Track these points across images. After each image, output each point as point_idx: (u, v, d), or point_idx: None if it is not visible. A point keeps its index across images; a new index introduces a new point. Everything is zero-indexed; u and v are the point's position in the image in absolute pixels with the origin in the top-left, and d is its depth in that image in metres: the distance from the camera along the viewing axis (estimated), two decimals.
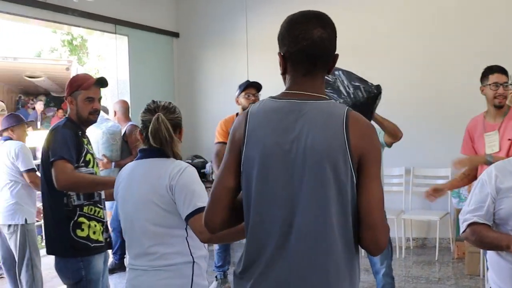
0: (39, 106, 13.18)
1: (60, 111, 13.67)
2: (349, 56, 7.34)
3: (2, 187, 5.13)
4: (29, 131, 5.67)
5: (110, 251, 6.69)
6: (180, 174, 2.60)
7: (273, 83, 7.07)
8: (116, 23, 6.97)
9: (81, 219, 3.44)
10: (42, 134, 5.67)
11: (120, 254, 6.59)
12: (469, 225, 2.73)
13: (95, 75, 13.04)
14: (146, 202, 2.64)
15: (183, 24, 8.31)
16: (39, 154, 5.21)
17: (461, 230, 2.81)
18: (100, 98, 3.66)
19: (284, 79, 2.05)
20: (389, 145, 4.98)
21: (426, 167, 7.19)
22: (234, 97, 5.47)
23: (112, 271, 6.47)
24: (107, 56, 8.15)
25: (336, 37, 1.99)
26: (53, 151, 3.37)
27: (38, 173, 4.96)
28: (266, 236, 1.93)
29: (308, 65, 1.96)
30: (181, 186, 2.58)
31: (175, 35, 8.24)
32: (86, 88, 3.54)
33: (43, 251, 6.63)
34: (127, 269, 2.94)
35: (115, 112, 6.51)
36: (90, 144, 3.70)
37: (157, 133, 2.67)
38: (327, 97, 2.00)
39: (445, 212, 6.93)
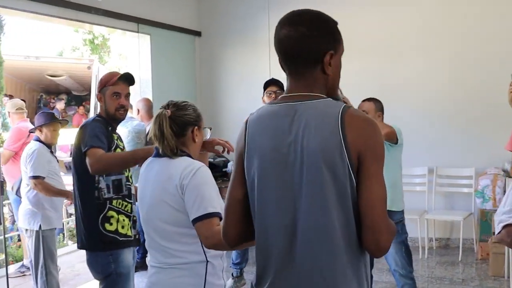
0: (60, 105, 13.28)
1: (81, 108, 13.77)
2: (377, 55, 7.37)
3: (24, 190, 5.15)
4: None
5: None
6: (193, 174, 2.55)
7: None
8: (139, 22, 6.99)
9: (110, 212, 3.50)
10: (63, 133, 5.60)
11: (142, 252, 6.59)
12: (505, 226, 2.65)
13: None
14: (158, 201, 2.62)
15: (205, 22, 8.30)
16: (59, 153, 5.17)
17: (496, 231, 2.74)
18: (127, 95, 3.69)
19: None
20: None
21: (449, 167, 7.11)
22: (255, 96, 5.46)
23: (135, 269, 6.46)
24: (129, 55, 8.17)
25: (319, 34, 1.88)
26: (84, 144, 3.42)
27: (47, 180, 4.99)
28: (271, 245, 1.88)
29: (287, 66, 1.91)
30: (193, 188, 2.54)
31: (197, 34, 8.25)
32: (112, 84, 3.60)
33: (65, 249, 6.64)
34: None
35: (138, 110, 6.51)
36: (121, 141, 3.75)
37: (151, 129, 2.68)
38: (323, 95, 1.91)
39: (469, 213, 6.85)
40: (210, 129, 2.98)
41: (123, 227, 3.54)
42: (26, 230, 5.07)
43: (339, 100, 2.02)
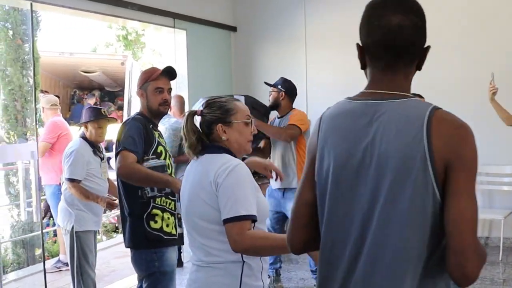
0: (91, 100, 13.36)
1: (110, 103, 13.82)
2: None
3: (63, 187, 5.08)
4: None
5: None
6: (228, 173, 2.46)
7: (332, 80, 7.01)
8: (175, 17, 6.94)
9: (155, 211, 3.48)
10: None
11: (178, 251, 6.56)
12: None
13: None
14: (196, 198, 2.56)
15: (240, 18, 8.23)
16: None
17: None
18: (170, 90, 3.66)
19: (366, 74, 1.80)
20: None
21: (489, 164, 6.93)
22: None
23: None
24: (164, 51, 8.14)
25: (425, 25, 1.68)
26: (119, 143, 3.41)
27: (85, 182, 4.90)
28: (336, 257, 1.71)
29: (386, 59, 1.69)
30: (226, 187, 2.45)
31: (233, 29, 8.18)
32: (154, 79, 3.57)
33: (100, 245, 6.61)
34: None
35: (170, 108, 6.42)
36: (163, 138, 3.70)
37: None
38: (410, 95, 1.69)
39: (509, 211, 6.69)
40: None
41: (167, 225, 3.52)
42: (62, 228, 5.04)
43: None
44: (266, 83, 5.90)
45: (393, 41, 1.65)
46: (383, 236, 1.60)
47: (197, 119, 2.72)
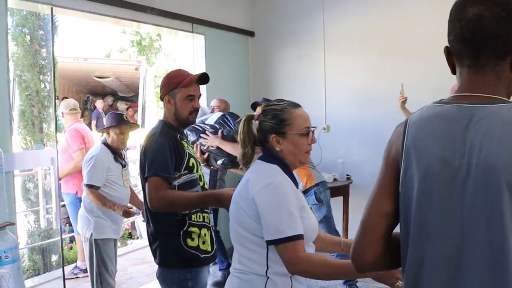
0: (99, 104, 13.37)
1: (129, 111, 13.81)
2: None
3: (83, 194, 5.03)
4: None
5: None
6: (265, 188, 2.39)
7: (351, 84, 6.92)
8: (193, 22, 6.89)
9: (191, 228, 3.25)
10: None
11: (227, 265, 6.45)
12: None
13: (164, 74, 13.14)
14: (236, 201, 2.51)
15: (258, 22, 8.17)
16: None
17: None
18: (200, 96, 3.43)
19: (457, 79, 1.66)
20: None
21: None
22: (309, 97, 5.28)
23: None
24: (180, 56, 8.09)
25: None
26: (148, 166, 3.16)
27: (104, 189, 4.83)
28: (428, 278, 1.54)
29: (469, 56, 1.57)
30: (263, 205, 2.36)
31: (250, 34, 8.12)
32: (186, 86, 3.29)
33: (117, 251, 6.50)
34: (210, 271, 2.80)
35: (212, 109, 6.28)
36: (191, 145, 3.50)
37: None
38: (506, 99, 1.55)
39: None
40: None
41: (204, 242, 3.30)
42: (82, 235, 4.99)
43: None
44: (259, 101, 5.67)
45: (471, 32, 1.54)
46: (486, 253, 1.44)
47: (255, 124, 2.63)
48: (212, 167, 5.19)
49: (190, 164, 3.29)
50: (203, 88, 6.98)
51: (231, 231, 2.55)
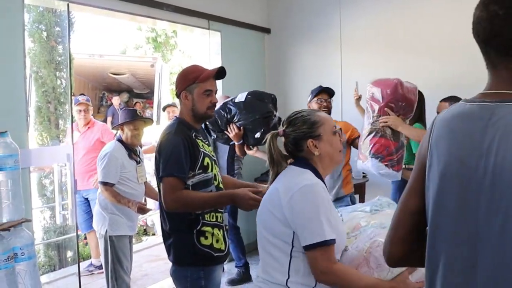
0: (116, 101, 13.41)
1: (138, 104, 13.85)
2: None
3: (98, 190, 5.03)
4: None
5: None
6: (299, 191, 2.36)
7: (367, 84, 6.88)
8: (210, 19, 6.87)
9: (205, 228, 3.23)
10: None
11: (244, 263, 6.47)
12: None
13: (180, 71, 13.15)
14: (267, 212, 2.48)
15: (274, 20, 8.12)
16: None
17: None
18: (216, 91, 3.39)
19: None
20: None
21: None
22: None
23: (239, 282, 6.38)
24: (196, 53, 8.08)
25: None
26: (163, 165, 3.14)
27: (119, 186, 4.82)
28: (443, 279, 1.53)
29: (487, 53, 1.54)
30: (299, 209, 2.33)
31: (267, 31, 8.07)
32: (203, 81, 3.27)
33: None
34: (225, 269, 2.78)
35: None
36: (206, 142, 3.42)
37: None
38: None
39: None
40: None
41: (217, 241, 3.27)
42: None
43: None
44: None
45: (476, 35, 1.54)
46: (503, 256, 1.40)
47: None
48: (247, 146, 5.10)
49: (205, 164, 3.25)
50: (219, 85, 7.00)
51: (258, 238, 2.53)
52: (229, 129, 4.88)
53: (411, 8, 6.93)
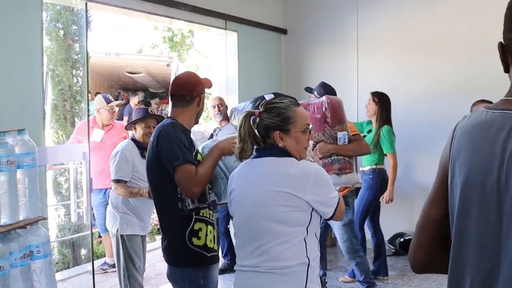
0: (134, 101, 13.40)
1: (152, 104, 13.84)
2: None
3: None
4: None
5: (220, 255, 6.66)
6: (318, 175, 2.56)
7: (384, 84, 6.83)
8: (227, 19, 6.87)
9: (198, 224, 3.21)
10: None
11: (231, 254, 6.52)
12: None
13: (196, 71, 13.14)
14: (268, 200, 2.53)
15: (291, 20, 8.12)
16: None
17: None
18: None
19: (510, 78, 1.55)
20: None
21: None
22: (342, 96, 5.16)
23: (224, 271, 6.42)
24: (212, 53, 8.08)
25: None
26: (174, 155, 3.14)
27: (130, 185, 4.80)
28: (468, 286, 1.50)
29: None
30: (324, 188, 2.57)
31: (283, 31, 8.08)
32: (205, 89, 3.49)
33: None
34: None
35: (214, 106, 6.35)
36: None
37: None
38: None
39: None
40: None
41: (211, 240, 3.25)
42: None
43: None
44: (306, 88, 5.72)
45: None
46: None
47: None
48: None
49: (198, 159, 3.30)
50: (235, 86, 7.01)
51: (250, 234, 2.60)
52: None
53: (428, 9, 6.89)
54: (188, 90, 3.38)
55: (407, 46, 7.11)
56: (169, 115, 3.50)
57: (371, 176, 5.98)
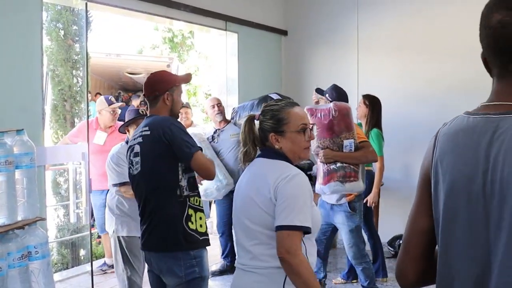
0: (136, 101, 13.40)
1: None
2: None
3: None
4: None
5: (220, 255, 6.67)
6: (288, 180, 2.48)
7: (384, 87, 6.83)
8: (227, 20, 6.86)
9: (190, 210, 3.41)
10: None
11: (231, 256, 6.52)
12: None
13: (195, 72, 13.13)
14: (249, 200, 2.57)
15: (291, 21, 8.11)
16: None
17: None
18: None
19: None
20: None
21: None
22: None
23: (223, 272, 6.40)
24: (212, 53, 8.08)
25: None
26: (190, 143, 3.39)
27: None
28: None
29: (496, 64, 1.49)
30: (285, 195, 2.45)
31: (283, 33, 8.07)
32: (179, 84, 3.66)
33: None
34: None
35: (214, 106, 6.34)
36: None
37: None
38: None
39: None
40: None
41: (201, 225, 3.45)
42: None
43: None
44: (317, 89, 5.72)
45: (496, 41, 1.46)
46: (508, 281, 1.37)
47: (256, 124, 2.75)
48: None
49: None
50: (235, 87, 7.00)
51: (239, 232, 2.63)
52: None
53: (429, 11, 6.88)
54: (149, 91, 3.62)
55: (407, 47, 7.10)
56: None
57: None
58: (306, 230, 2.43)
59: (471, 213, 1.44)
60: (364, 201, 5.83)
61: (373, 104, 6.05)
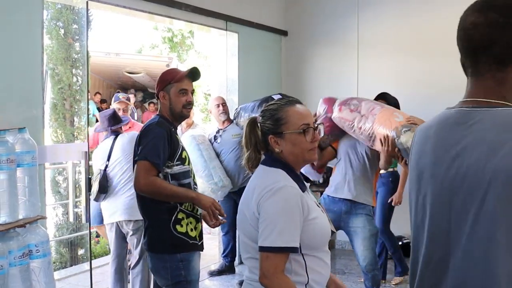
0: (131, 99, 13.38)
1: (152, 105, 13.86)
2: None
3: (126, 181, 5.00)
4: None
5: (220, 254, 6.68)
6: (271, 196, 2.21)
7: (384, 87, 6.83)
8: (227, 20, 6.85)
9: (180, 214, 3.38)
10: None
11: (231, 256, 6.50)
12: None
13: None
14: (242, 213, 2.37)
15: (291, 22, 8.10)
16: None
17: None
18: (193, 91, 3.62)
19: None
20: None
21: None
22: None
23: (221, 272, 6.40)
24: (212, 53, 8.06)
25: None
26: (140, 150, 3.32)
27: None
28: (421, 279, 1.55)
29: (469, 62, 1.54)
30: (267, 212, 2.20)
31: (284, 33, 8.05)
32: (178, 81, 3.53)
33: None
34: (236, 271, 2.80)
35: (218, 105, 6.31)
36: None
37: None
38: (509, 104, 1.48)
39: None
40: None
41: (192, 230, 3.42)
42: (134, 222, 4.99)
43: None
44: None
45: (468, 41, 1.53)
46: (471, 262, 1.42)
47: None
48: None
49: (183, 156, 3.47)
50: (235, 87, 6.99)
51: (240, 241, 2.50)
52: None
53: (430, 12, 6.88)
54: (155, 89, 3.63)
55: (407, 48, 7.10)
56: None
57: (390, 179, 5.96)
58: (291, 251, 2.18)
59: (437, 197, 1.52)
60: (389, 200, 5.83)
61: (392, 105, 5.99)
